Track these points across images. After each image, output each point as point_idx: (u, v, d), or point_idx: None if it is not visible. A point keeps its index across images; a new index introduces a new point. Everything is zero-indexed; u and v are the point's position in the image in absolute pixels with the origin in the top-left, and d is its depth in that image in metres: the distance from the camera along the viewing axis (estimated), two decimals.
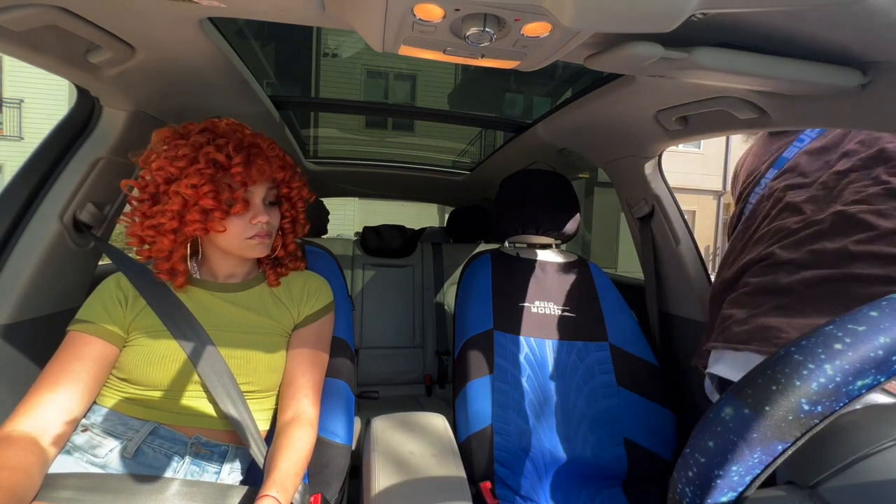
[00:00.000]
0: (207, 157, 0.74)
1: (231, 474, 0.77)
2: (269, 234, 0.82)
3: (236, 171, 0.75)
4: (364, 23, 0.57)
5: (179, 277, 0.80)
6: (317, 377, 0.84)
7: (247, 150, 0.77)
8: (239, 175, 0.75)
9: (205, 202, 0.73)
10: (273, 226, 0.83)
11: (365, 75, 1.69)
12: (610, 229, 5.53)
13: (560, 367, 1.14)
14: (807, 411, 0.32)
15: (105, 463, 0.70)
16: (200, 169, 0.73)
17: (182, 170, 0.73)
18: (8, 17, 0.61)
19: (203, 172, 0.73)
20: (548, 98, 1.59)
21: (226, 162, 0.75)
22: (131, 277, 0.80)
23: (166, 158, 0.74)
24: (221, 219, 0.76)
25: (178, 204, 0.74)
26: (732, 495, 0.33)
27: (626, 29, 0.48)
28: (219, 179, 0.75)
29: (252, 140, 0.80)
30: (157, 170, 0.74)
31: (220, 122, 0.80)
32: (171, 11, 0.65)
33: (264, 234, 0.81)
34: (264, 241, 0.81)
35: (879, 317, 0.33)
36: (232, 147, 0.76)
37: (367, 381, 1.93)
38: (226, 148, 0.75)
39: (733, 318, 0.83)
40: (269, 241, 0.83)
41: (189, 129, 0.78)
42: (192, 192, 0.73)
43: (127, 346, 0.77)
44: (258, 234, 0.80)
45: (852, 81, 0.63)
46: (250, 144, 0.79)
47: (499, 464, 1.01)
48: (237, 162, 0.75)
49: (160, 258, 0.79)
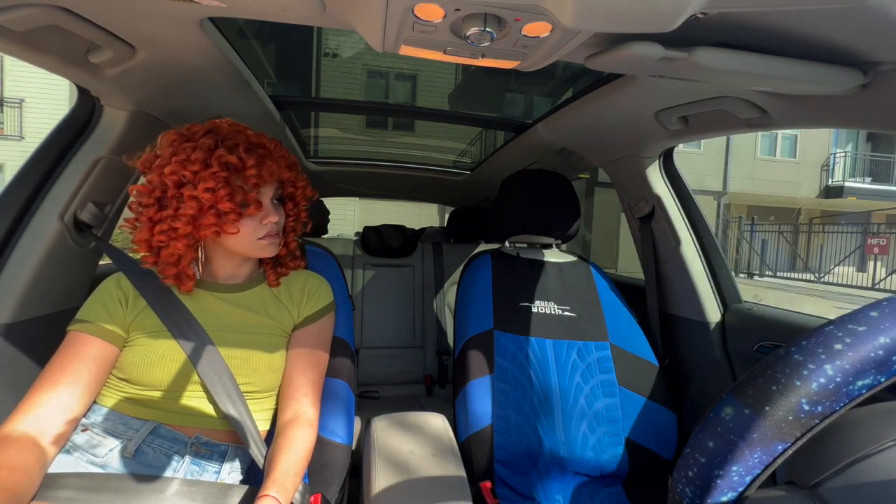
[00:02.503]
0: (220, 160, 0.73)
1: (231, 474, 0.77)
2: (278, 233, 0.83)
3: (251, 174, 0.75)
4: (364, 23, 0.57)
5: (188, 282, 0.79)
6: (317, 377, 0.84)
7: (256, 151, 0.77)
8: (253, 177, 0.75)
9: (223, 205, 0.73)
10: (281, 225, 0.84)
11: (365, 75, 1.69)
12: (610, 229, 5.53)
13: (560, 367, 1.14)
14: (807, 411, 0.32)
15: (105, 462, 0.70)
16: (215, 172, 0.72)
17: (196, 174, 0.73)
18: (8, 17, 0.61)
19: (218, 175, 0.73)
20: (548, 98, 1.59)
21: (239, 164, 0.74)
22: (132, 277, 0.80)
23: (178, 163, 0.73)
24: (235, 220, 0.76)
25: (193, 208, 0.73)
26: (732, 495, 0.33)
27: (627, 29, 0.48)
28: (232, 182, 0.75)
29: (258, 140, 0.80)
30: (169, 174, 0.73)
31: (223, 123, 0.80)
32: (171, 11, 0.65)
33: (274, 233, 0.82)
34: (275, 241, 0.82)
35: (879, 317, 0.33)
36: (243, 149, 0.76)
37: (368, 380, 1.93)
38: (237, 150, 0.75)
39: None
40: (279, 240, 0.84)
41: (194, 130, 0.77)
42: (210, 195, 0.72)
43: (127, 346, 0.77)
44: (269, 233, 0.81)
45: (852, 81, 0.63)
46: (257, 145, 0.79)
47: (499, 463, 1.01)
48: (251, 164, 0.75)
49: (169, 263, 0.78)
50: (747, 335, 1.16)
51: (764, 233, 12.19)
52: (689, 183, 1.30)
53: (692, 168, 10.95)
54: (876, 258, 10.12)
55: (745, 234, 11.90)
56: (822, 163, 12.97)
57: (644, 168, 1.25)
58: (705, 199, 11.63)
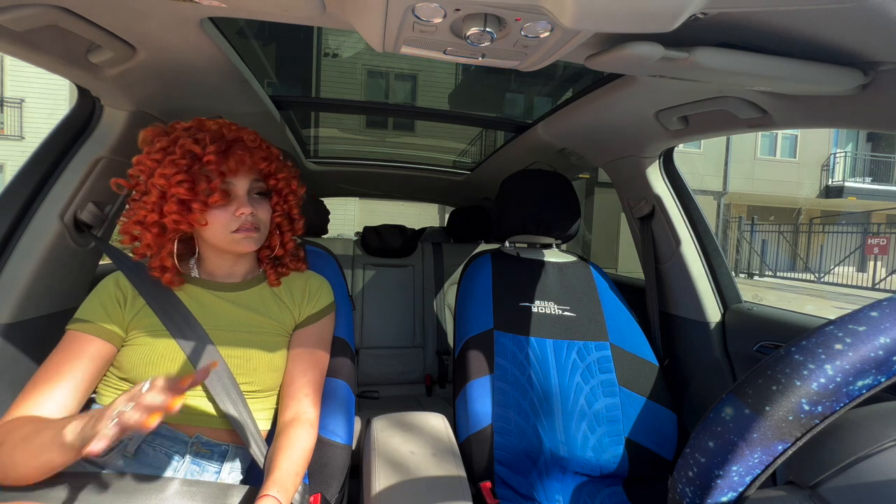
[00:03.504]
0: (183, 148, 0.74)
1: (231, 474, 0.77)
2: (255, 227, 0.80)
3: (209, 160, 0.75)
4: (364, 23, 0.57)
5: (167, 274, 0.79)
6: (317, 377, 0.84)
7: (225, 141, 0.77)
8: (213, 164, 0.75)
9: (176, 190, 0.73)
10: (261, 219, 0.81)
11: (365, 75, 1.69)
12: (610, 229, 5.52)
13: (561, 367, 1.14)
14: (807, 411, 0.32)
15: (105, 462, 0.70)
16: (175, 159, 0.73)
17: (159, 162, 0.74)
18: (9, 17, 0.61)
19: (178, 163, 0.73)
20: (548, 98, 1.59)
21: (200, 152, 0.75)
22: (131, 277, 0.80)
23: (146, 153, 0.75)
24: (202, 210, 0.75)
25: (155, 195, 0.74)
26: (733, 495, 0.33)
27: (627, 29, 0.48)
28: (196, 171, 0.75)
29: (236, 134, 0.80)
30: (136, 164, 0.75)
31: (208, 121, 0.80)
32: (171, 11, 0.65)
33: (249, 226, 0.79)
34: (251, 235, 0.79)
35: (880, 317, 0.33)
36: (209, 138, 0.76)
37: (368, 380, 1.93)
38: (203, 140, 0.76)
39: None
40: (257, 235, 0.81)
41: (175, 126, 0.79)
42: (164, 181, 0.73)
43: (126, 345, 0.77)
44: (242, 226, 0.78)
45: (853, 82, 0.63)
46: (234, 138, 0.79)
47: (499, 463, 1.01)
48: (210, 151, 0.75)
49: (151, 255, 0.79)
50: (747, 335, 1.16)
51: (764, 233, 12.19)
52: (689, 183, 1.30)
53: (692, 168, 10.96)
54: (876, 258, 10.11)
55: (745, 234, 11.90)
56: (823, 163, 12.97)
57: (644, 168, 1.25)
58: (705, 199, 11.63)
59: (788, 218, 12.96)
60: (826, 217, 13.45)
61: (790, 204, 13.12)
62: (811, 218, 13.36)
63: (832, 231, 11.46)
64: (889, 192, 12.82)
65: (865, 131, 9.74)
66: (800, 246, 12.45)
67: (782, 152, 12.88)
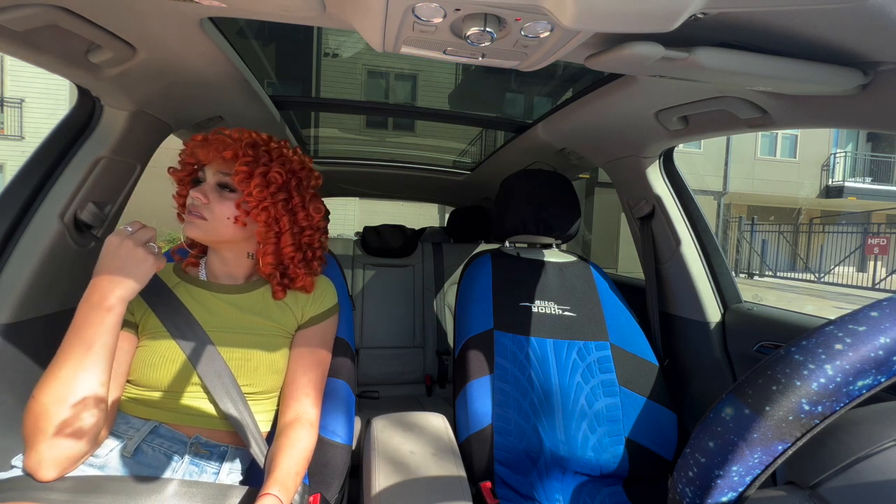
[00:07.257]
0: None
1: (230, 475, 0.77)
2: (200, 215, 0.78)
3: (191, 145, 0.80)
4: (364, 23, 0.57)
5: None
6: (318, 378, 0.84)
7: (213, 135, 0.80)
8: (190, 149, 0.81)
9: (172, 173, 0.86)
10: (213, 210, 0.79)
11: (365, 75, 1.69)
12: (610, 229, 5.52)
13: (561, 367, 1.14)
14: (807, 411, 0.32)
15: (104, 463, 0.70)
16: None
17: None
18: (8, 17, 0.61)
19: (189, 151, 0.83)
20: (548, 98, 1.59)
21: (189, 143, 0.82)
22: None
23: None
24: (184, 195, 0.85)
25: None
26: (733, 495, 0.33)
27: (627, 29, 0.48)
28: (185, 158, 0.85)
29: (237, 135, 0.81)
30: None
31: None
32: (171, 11, 0.65)
33: (194, 211, 0.79)
34: (192, 221, 0.79)
35: (880, 317, 0.33)
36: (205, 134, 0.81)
37: (368, 380, 1.93)
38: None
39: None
40: (203, 224, 0.79)
41: None
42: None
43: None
44: (189, 209, 0.79)
45: (853, 81, 0.63)
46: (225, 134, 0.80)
47: (499, 463, 1.01)
48: (198, 137, 0.80)
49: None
50: (747, 335, 1.16)
51: (764, 233, 12.19)
52: (690, 183, 1.30)
53: (692, 168, 10.95)
54: (876, 258, 10.12)
55: (745, 234, 11.90)
56: (823, 163, 12.98)
57: (644, 168, 1.25)
58: (705, 199, 11.63)
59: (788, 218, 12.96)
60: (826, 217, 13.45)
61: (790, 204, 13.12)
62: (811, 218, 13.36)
63: (832, 231, 11.47)
64: (889, 192, 12.82)
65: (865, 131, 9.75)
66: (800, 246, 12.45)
67: (782, 152, 12.89)
